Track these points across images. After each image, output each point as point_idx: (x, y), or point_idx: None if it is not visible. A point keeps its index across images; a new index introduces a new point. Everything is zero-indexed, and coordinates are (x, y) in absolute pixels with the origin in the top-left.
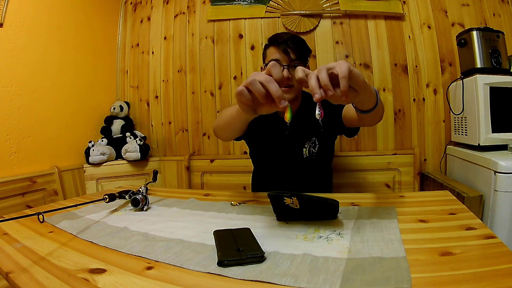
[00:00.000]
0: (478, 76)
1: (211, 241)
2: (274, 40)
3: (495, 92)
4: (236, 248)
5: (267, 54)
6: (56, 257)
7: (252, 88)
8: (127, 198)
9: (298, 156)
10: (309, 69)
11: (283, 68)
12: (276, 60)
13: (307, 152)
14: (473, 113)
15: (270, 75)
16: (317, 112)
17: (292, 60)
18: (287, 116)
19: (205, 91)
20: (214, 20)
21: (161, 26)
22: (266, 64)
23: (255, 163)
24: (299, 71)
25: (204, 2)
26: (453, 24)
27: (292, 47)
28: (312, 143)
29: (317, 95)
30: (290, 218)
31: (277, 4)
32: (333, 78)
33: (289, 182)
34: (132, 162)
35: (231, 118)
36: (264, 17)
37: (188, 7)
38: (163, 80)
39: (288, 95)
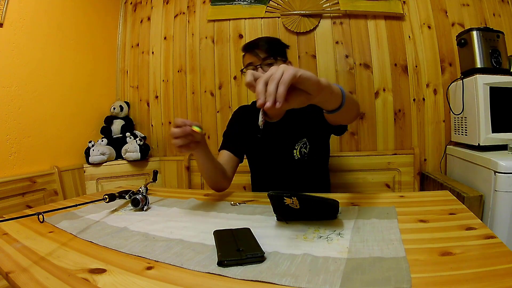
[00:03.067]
0: (478, 76)
1: (211, 241)
2: (245, 47)
3: (495, 92)
4: (236, 248)
5: (244, 61)
6: (56, 257)
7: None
8: (127, 198)
9: (289, 158)
10: (291, 65)
11: (256, 68)
12: (250, 64)
13: (298, 153)
14: (473, 113)
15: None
16: (260, 119)
17: (262, 59)
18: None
19: (205, 91)
20: (214, 20)
21: (161, 26)
22: (242, 70)
23: (251, 165)
24: (248, 75)
25: (204, 2)
26: (453, 24)
27: (260, 46)
28: (303, 143)
29: (260, 101)
30: (290, 218)
31: (277, 4)
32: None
33: (284, 184)
34: (132, 162)
35: (199, 166)
36: (264, 17)
37: (188, 7)
38: (163, 80)
39: None
